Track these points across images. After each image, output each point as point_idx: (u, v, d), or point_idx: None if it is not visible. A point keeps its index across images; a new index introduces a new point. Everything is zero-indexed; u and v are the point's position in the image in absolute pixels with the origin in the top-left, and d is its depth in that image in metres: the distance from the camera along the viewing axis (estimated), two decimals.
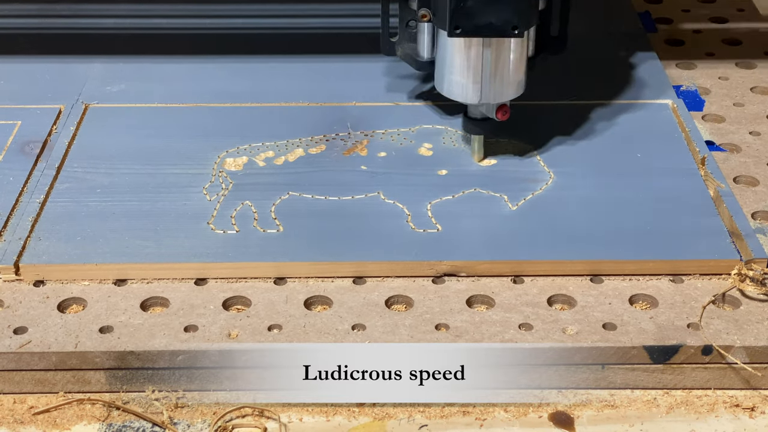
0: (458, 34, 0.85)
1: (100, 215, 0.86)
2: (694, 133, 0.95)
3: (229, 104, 1.01)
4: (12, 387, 0.75)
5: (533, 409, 0.74)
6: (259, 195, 0.88)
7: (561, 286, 0.80)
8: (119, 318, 0.77)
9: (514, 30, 0.84)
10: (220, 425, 0.72)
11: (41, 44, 1.12)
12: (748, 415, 0.74)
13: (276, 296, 0.79)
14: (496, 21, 0.84)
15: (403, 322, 0.77)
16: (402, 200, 0.88)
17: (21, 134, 0.96)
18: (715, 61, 1.10)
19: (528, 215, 0.86)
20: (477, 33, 0.85)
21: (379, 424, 0.73)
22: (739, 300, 0.78)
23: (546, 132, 0.96)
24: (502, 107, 0.90)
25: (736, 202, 0.86)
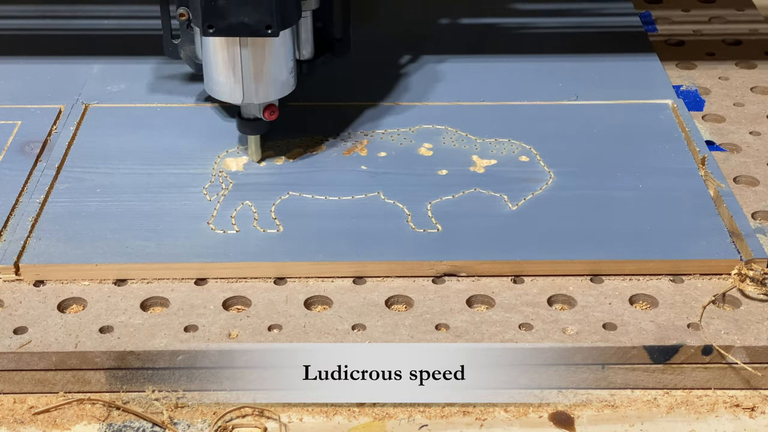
0: (212, 33, 0.85)
1: (100, 215, 0.86)
2: (694, 133, 0.95)
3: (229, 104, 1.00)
4: (12, 387, 0.75)
5: (533, 409, 0.74)
6: (259, 195, 0.88)
7: (561, 286, 0.80)
8: (119, 318, 0.77)
9: (267, 29, 0.84)
10: (220, 425, 0.72)
11: (41, 44, 1.12)
12: (748, 415, 0.74)
13: (276, 296, 0.79)
14: (249, 20, 0.84)
15: (403, 322, 0.77)
16: (402, 200, 0.88)
17: (21, 134, 0.96)
18: (715, 61, 1.10)
19: (528, 215, 0.86)
20: (231, 32, 0.85)
21: (379, 424, 0.73)
22: (739, 300, 0.78)
23: (546, 132, 0.96)
24: (270, 107, 0.90)
25: (736, 202, 0.86)
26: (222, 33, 0.85)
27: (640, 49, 1.10)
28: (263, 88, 0.89)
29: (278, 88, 0.90)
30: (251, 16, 0.83)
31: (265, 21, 0.84)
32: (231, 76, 0.88)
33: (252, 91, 0.88)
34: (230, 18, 0.84)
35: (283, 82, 0.90)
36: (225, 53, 0.87)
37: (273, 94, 0.90)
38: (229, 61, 0.87)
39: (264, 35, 0.85)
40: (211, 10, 0.83)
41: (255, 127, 0.91)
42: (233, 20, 0.84)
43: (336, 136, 0.96)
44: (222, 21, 0.84)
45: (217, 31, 0.84)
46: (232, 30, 0.84)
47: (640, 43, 1.12)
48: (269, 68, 0.88)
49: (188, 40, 0.95)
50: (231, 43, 0.86)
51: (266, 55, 0.87)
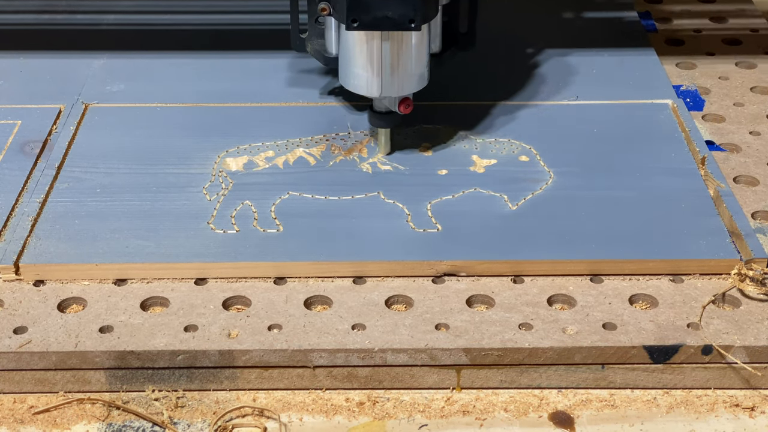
0: (356, 27, 0.86)
1: (100, 215, 0.86)
2: (694, 133, 0.95)
3: (229, 104, 1.01)
4: (12, 387, 0.75)
5: (533, 409, 0.74)
6: (259, 195, 0.88)
7: (561, 286, 0.80)
8: (119, 318, 0.77)
9: (411, 23, 0.85)
10: (220, 425, 0.72)
11: (41, 44, 1.12)
12: (748, 414, 0.74)
13: (276, 296, 0.79)
14: (393, 14, 0.85)
15: (403, 322, 0.77)
16: (402, 200, 0.88)
17: (21, 134, 0.96)
18: (715, 61, 1.10)
19: (528, 215, 0.86)
20: (374, 26, 0.86)
21: (379, 423, 0.73)
22: (739, 300, 0.78)
23: (546, 132, 0.96)
24: (405, 100, 0.91)
25: (736, 202, 0.86)
26: (366, 27, 0.86)
27: (640, 49, 1.10)
28: (401, 82, 0.90)
29: (415, 81, 0.90)
30: (395, 10, 0.85)
31: (409, 15, 0.85)
32: (370, 69, 0.89)
33: (390, 85, 0.89)
34: (374, 12, 0.85)
35: (420, 76, 0.91)
36: (365, 47, 0.88)
37: (410, 88, 0.90)
38: (369, 55, 0.88)
39: (407, 29, 0.86)
40: (356, 4, 0.84)
41: (387, 120, 0.92)
42: (377, 14, 0.85)
43: (336, 136, 0.96)
44: (366, 15, 0.85)
45: (361, 24, 0.85)
46: (376, 24, 0.85)
47: (640, 43, 1.12)
48: (408, 62, 0.89)
49: (316, 35, 0.96)
50: (371, 37, 0.87)
51: (406, 48, 0.88)
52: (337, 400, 0.75)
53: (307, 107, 1.00)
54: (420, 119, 0.98)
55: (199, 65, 1.08)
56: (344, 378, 0.75)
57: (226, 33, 1.14)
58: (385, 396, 0.75)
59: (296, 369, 0.75)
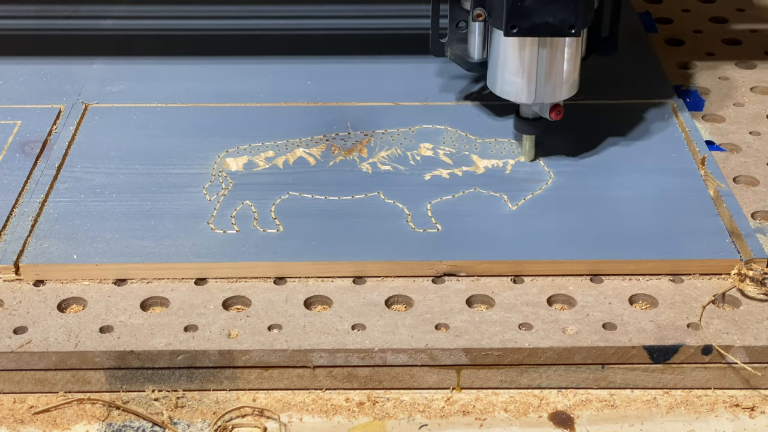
0: (515, 33, 0.84)
1: (100, 215, 0.86)
2: (694, 133, 0.95)
3: (229, 104, 1.01)
4: (12, 387, 0.75)
5: (533, 409, 0.74)
6: (259, 195, 0.88)
7: (561, 286, 0.80)
8: (119, 318, 0.77)
9: (571, 29, 0.84)
10: (220, 425, 0.72)
11: (41, 44, 1.12)
12: (747, 414, 0.74)
13: (276, 296, 0.79)
14: (553, 20, 0.83)
15: (403, 322, 0.77)
16: (402, 200, 0.88)
17: (21, 134, 0.96)
18: (715, 61, 1.10)
19: (528, 215, 0.86)
20: (533, 32, 0.85)
21: (379, 424, 0.73)
22: (739, 300, 0.78)
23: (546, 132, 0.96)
24: (556, 107, 0.89)
25: (736, 202, 0.86)
26: (525, 33, 0.85)
27: (640, 49, 1.10)
28: (555, 88, 0.89)
29: (568, 88, 0.89)
30: (556, 16, 0.83)
31: (569, 21, 0.84)
32: (525, 75, 0.88)
33: (544, 91, 0.88)
34: (535, 18, 0.83)
35: (573, 82, 0.90)
36: (520, 53, 0.87)
37: (563, 94, 0.89)
38: (525, 61, 0.87)
39: (567, 35, 0.85)
40: (516, 9, 0.83)
41: (534, 126, 0.91)
42: (537, 20, 0.84)
43: (336, 136, 0.96)
44: (526, 21, 0.84)
45: (520, 30, 0.84)
46: (536, 30, 0.84)
47: (640, 43, 1.12)
48: (564, 68, 0.88)
49: (456, 40, 0.95)
50: (528, 43, 0.86)
51: (563, 54, 0.87)
52: (337, 400, 0.75)
53: (307, 107, 1.00)
54: (420, 119, 0.98)
55: (199, 65, 1.08)
56: (344, 378, 0.75)
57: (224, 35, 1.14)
58: (385, 396, 0.75)
59: (296, 369, 0.75)
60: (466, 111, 0.99)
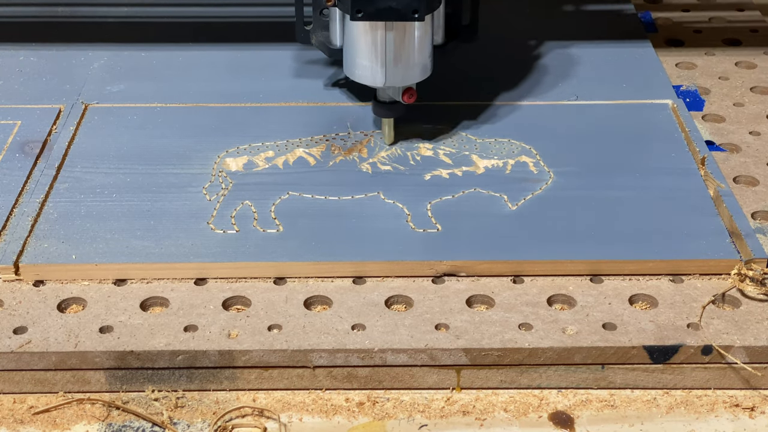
0: (360, 17, 0.86)
1: (100, 215, 0.86)
2: (694, 133, 0.95)
3: (229, 104, 1.01)
4: (12, 387, 0.75)
5: (533, 409, 0.74)
6: (259, 195, 0.88)
7: (561, 286, 0.80)
8: (119, 318, 0.77)
9: (414, 14, 0.86)
10: (220, 425, 0.72)
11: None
12: (747, 415, 0.74)
13: (276, 296, 0.79)
14: (397, 5, 0.85)
15: (403, 322, 0.77)
16: (402, 200, 0.88)
17: (21, 134, 0.96)
18: (715, 61, 1.10)
19: (528, 215, 0.86)
20: (378, 17, 0.87)
21: (379, 424, 0.73)
22: (739, 300, 0.78)
23: (546, 132, 0.96)
24: (408, 90, 0.91)
25: (736, 202, 0.86)
26: (370, 17, 0.86)
27: (640, 50, 1.10)
28: (405, 72, 0.90)
29: (419, 71, 0.91)
30: (400, 1, 0.85)
31: (413, 5, 0.86)
32: (374, 59, 0.90)
33: (394, 75, 0.90)
34: (378, 2, 0.85)
35: (424, 66, 0.91)
36: (369, 37, 0.89)
37: (414, 78, 0.91)
38: (373, 45, 0.89)
39: (411, 19, 0.86)
40: None
41: (391, 109, 0.93)
42: (381, 4, 0.86)
43: (336, 136, 0.96)
44: (370, 5, 0.86)
45: (365, 15, 0.86)
46: (380, 14, 0.86)
47: (640, 43, 1.12)
48: (412, 52, 0.90)
49: (320, 27, 0.96)
50: (376, 27, 0.88)
51: (410, 38, 0.89)
52: (337, 400, 0.75)
53: (307, 107, 1.00)
54: (420, 119, 0.98)
55: (199, 65, 1.08)
56: (344, 378, 0.75)
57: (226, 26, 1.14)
58: (384, 396, 0.75)
59: (296, 369, 0.75)
60: (466, 111, 0.99)
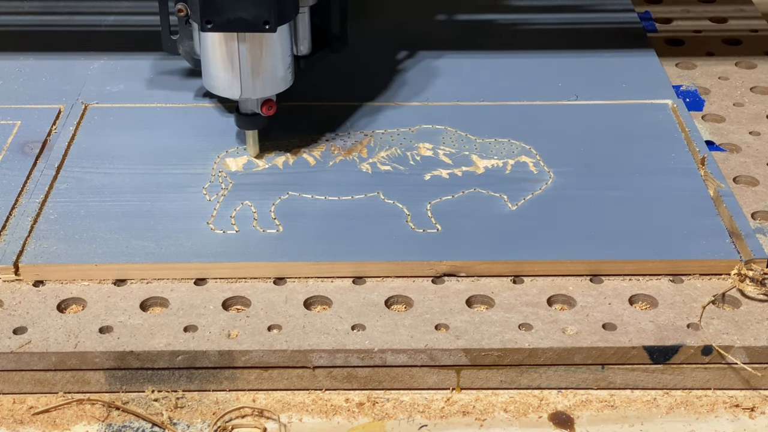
0: (210, 29, 0.85)
1: (100, 215, 0.86)
2: (694, 133, 0.95)
3: (229, 104, 1.01)
4: (12, 387, 0.75)
5: (533, 409, 0.74)
6: (259, 195, 0.88)
7: (561, 286, 0.80)
8: (119, 318, 0.77)
9: (265, 25, 0.85)
10: (220, 425, 0.72)
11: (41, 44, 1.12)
12: (747, 415, 0.74)
13: (276, 296, 0.79)
14: (247, 16, 0.84)
15: (402, 322, 0.77)
16: (402, 200, 0.88)
17: (21, 134, 0.96)
18: (715, 61, 1.10)
19: (528, 215, 0.86)
20: (228, 28, 0.86)
21: (378, 424, 0.73)
22: (739, 300, 0.78)
23: (546, 132, 0.96)
24: (267, 102, 0.91)
25: (736, 202, 0.86)
26: (220, 28, 0.85)
27: (640, 49, 1.10)
28: (261, 84, 0.89)
29: (276, 83, 0.90)
30: (249, 12, 0.84)
31: (263, 16, 0.84)
32: (229, 71, 0.88)
33: (250, 87, 0.89)
34: (228, 13, 0.84)
35: (281, 78, 0.90)
36: (223, 48, 0.88)
37: (270, 90, 0.90)
38: (227, 57, 0.88)
39: (261, 31, 0.85)
40: (209, 5, 0.84)
41: (253, 122, 0.92)
42: (231, 15, 0.84)
43: (336, 136, 0.96)
44: (220, 16, 0.84)
45: (215, 26, 0.85)
46: (230, 25, 0.85)
47: (640, 42, 1.12)
48: (267, 63, 0.89)
49: (187, 36, 0.95)
50: (229, 39, 0.87)
51: (264, 50, 0.88)
52: (337, 400, 0.75)
53: (306, 107, 1.00)
54: (420, 119, 0.98)
55: None
56: (344, 378, 0.75)
57: None
58: (384, 396, 0.75)
59: (296, 369, 0.75)
60: (466, 111, 0.99)
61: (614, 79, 1.05)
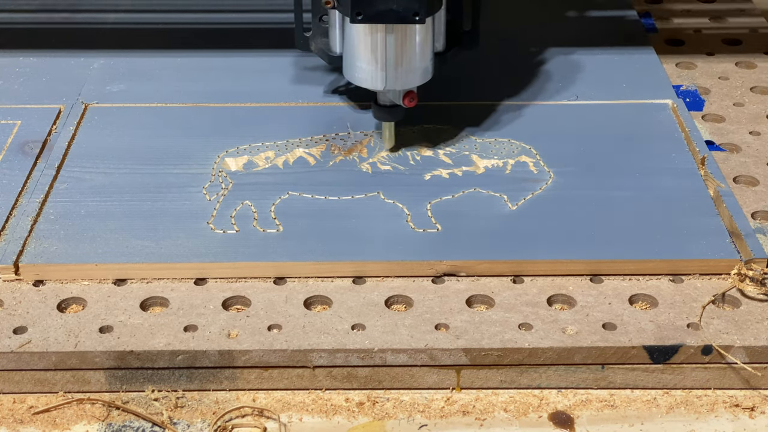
0: (360, 20, 0.86)
1: (100, 215, 0.86)
2: (694, 133, 0.95)
3: (229, 104, 1.01)
4: (12, 387, 0.75)
5: (533, 409, 0.74)
6: (259, 195, 0.88)
7: (561, 286, 0.80)
8: (119, 318, 0.77)
9: (415, 16, 0.85)
10: (220, 425, 0.72)
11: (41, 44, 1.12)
12: (747, 415, 0.74)
13: (276, 296, 0.79)
14: (398, 7, 0.85)
15: (403, 322, 0.77)
16: (402, 200, 0.88)
17: (21, 134, 0.96)
18: (715, 61, 1.10)
19: (528, 215, 0.86)
20: (378, 19, 0.86)
21: (378, 424, 0.73)
22: (739, 300, 0.78)
23: (546, 132, 0.96)
24: (409, 94, 0.91)
25: (736, 202, 0.86)
26: (370, 20, 0.86)
27: (640, 49, 1.10)
28: (405, 75, 0.89)
29: (419, 75, 0.90)
30: (399, 3, 0.84)
31: (413, 8, 0.85)
32: (374, 62, 0.89)
33: (394, 78, 0.89)
34: (379, 5, 0.85)
35: (424, 70, 0.91)
36: (369, 40, 0.88)
37: (414, 81, 0.90)
38: (373, 48, 0.88)
39: (411, 22, 0.86)
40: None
41: (392, 113, 0.92)
42: (381, 7, 0.85)
43: (336, 136, 0.96)
44: (371, 8, 0.85)
45: (365, 17, 0.85)
46: (380, 16, 0.85)
47: (640, 43, 1.12)
48: (412, 55, 0.89)
49: (320, 33, 0.96)
50: (376, 30, 0.87)
51: (410, 41, 0.88)
52: (337, 400, 0.75)
53: (307, 107, 1.00)
54: (420, 119, 0.98)
55: (199, 65, 1.08)
56: (344, 378, 0.75)
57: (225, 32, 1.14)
58: (384, 396, 0.75)
59: (296, 369, 0.75)
60: (466, 111, 0.99)
61: (614, 79, 1.05)
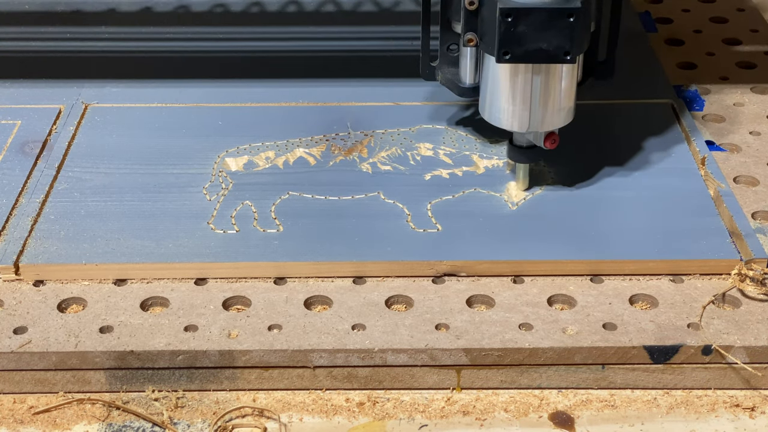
0: (507, 60, 0.80)
1: (100, 215, 0.86)
2: (694, 133, 0.95)
3: (229, 104, 1.01)
4: (12, 387, 0.75)
5: (533, 409, 0.74)
6: (259, 195, 0.88)
7: (561, 286, 0.80)
8: (119, 318, 0.77)
9: (566, 56, 0.80)
10: (220, 425, 0.72)
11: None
12: (748, 415, 0.74)
13: (276, 296, 0.79)
14: (548, 46, 0.79)
15: (403, 322, 0.77)
16: (402, 200, 0.88)
17: (21, 134, 0.96)
18: (715, 61, 1.10)
19: (528, 215, 0.86)
20: (527, 59, 0.80)
21: (379, 424, 0.73)
22: (739, 300, 0.78)
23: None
24: (551, 135, 0.85)
25: (736, 202, 0.86)
26: (519, 60, 0.80)
27: (639, 49, 1.10)
28: (550, 116, 0.84)
29: (564, 116, 0.85)
30: (550, 42, 0.79)
31: (564, 47, 0.79)
32: (519, 103, 0.84)
33: (539, 119, 0.84)
34: (528, 44, 0.79)
35: (569, 109, 0.86)
36: (515, 79, 0.83)
37: (557, 123, 0.85)
38: (518, 88, 0.83)
39: (561, 62, 0.80)
40: (509, 36, 0.79)
41: (529, 155, 0.87)
42: (531, 46, 0.79)
43: (336, 136, 0.96)
44: (519, 47, 0.79)
45: (513, 57, 0.80)
46: (529, 56, 0.80)
47: (640, 43, 1.12)
48: (559, 95, 0.84)
49: (447, 63, 0.90)
50: (520, 70, 0.82)
51: (558, 81, 0.83)
52: (337, 400, 0.75)
53: (307, 107, 1.00)
54: (420, 119, 0.98)
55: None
56: (344, 378, 0.75)
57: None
58: (385, 396, 0.75)
59: (296, 369, 0.75)
60: (466, 111, 0.99)
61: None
